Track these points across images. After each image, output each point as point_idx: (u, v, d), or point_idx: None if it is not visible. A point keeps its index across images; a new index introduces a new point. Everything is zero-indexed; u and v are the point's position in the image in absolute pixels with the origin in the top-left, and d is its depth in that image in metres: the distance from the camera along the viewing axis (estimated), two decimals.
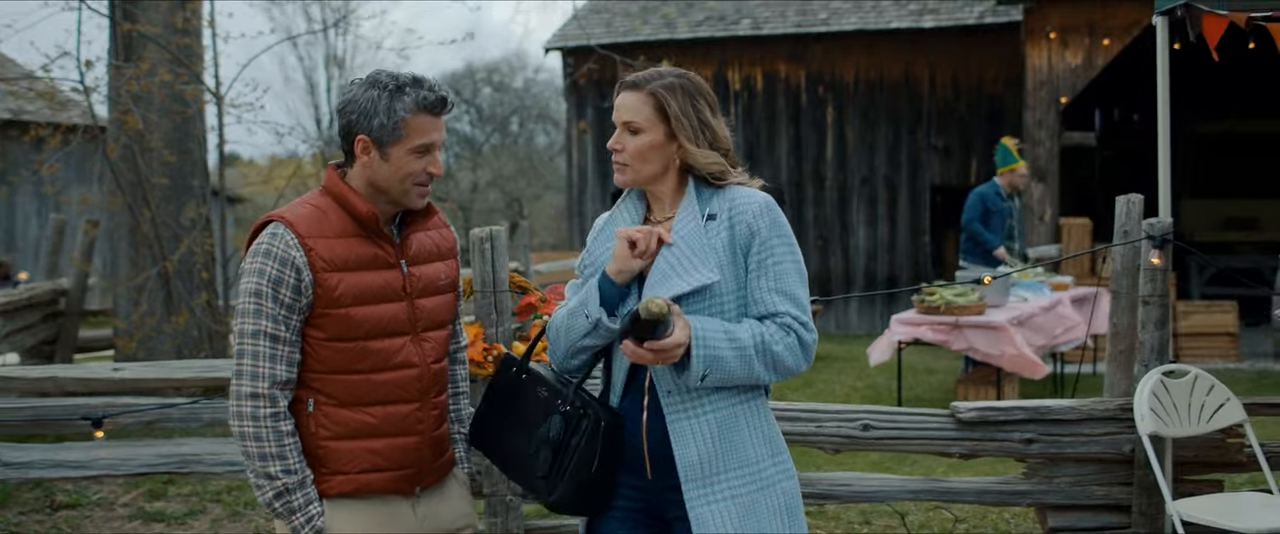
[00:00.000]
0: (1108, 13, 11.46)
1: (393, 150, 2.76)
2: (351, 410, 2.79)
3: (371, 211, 2.80)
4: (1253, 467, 4.70)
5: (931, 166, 15.40)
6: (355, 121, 2.77)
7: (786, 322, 2.70)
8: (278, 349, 2.72)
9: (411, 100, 2.75)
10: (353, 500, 2.80)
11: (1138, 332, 4.68)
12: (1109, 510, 4.67)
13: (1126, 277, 4.70)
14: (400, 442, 2.84)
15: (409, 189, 2.81)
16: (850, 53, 15.51)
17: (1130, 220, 4.72)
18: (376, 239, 2.83)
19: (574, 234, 17.04)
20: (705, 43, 15.82)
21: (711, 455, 2.70)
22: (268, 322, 2.71)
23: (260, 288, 2.72)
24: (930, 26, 14.90)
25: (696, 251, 2.70)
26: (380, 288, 2.81)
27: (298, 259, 2.72)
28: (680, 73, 2.82)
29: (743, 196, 2.75)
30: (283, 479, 2.72)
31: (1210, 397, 4.56)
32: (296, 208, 2.81)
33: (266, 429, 2.71)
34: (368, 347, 2.78)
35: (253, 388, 2.71)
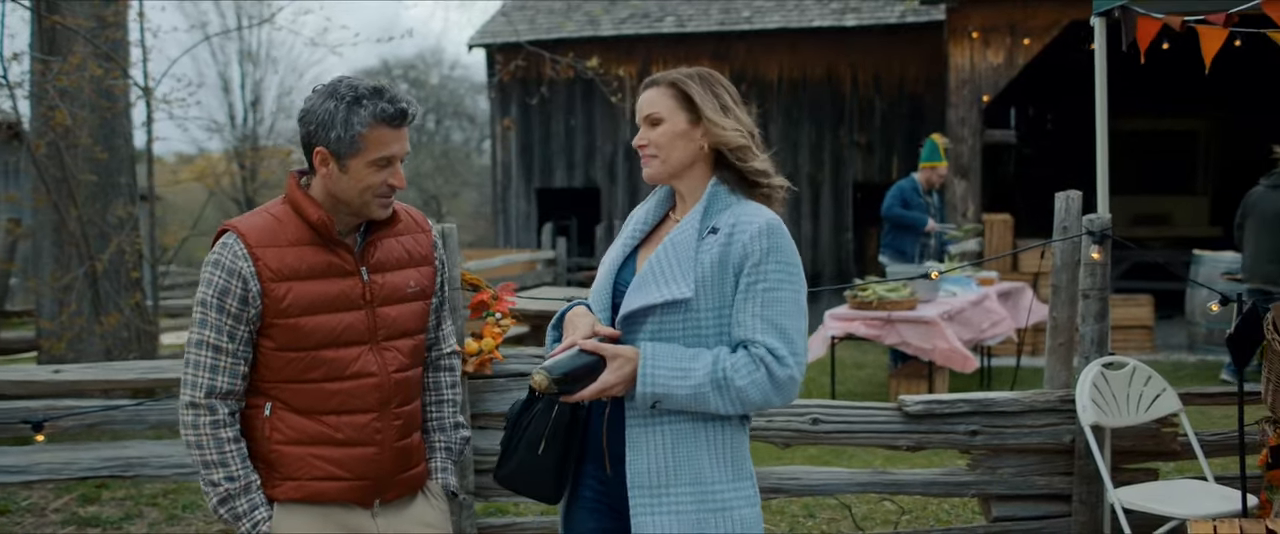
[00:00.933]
0: (1028, 13, 11.69)
1: (351, 163, 2.68)
2: (308, 418, 2.75)
3: (324, 219, 2.74)
4: (1185, 455, 4.85)
5: (854, 164, 15.60)
6: (313, 132, 2.70)
7: (759, 353, 2.60)
8: (219, 359, 2.69)
9: (369, 113, 2.65)
10: (304, 507, 2.76)
11: (1078, 325, 4.80)
12: (1050, 500, 4.78)
13: (1066, 271, 4.81)
14: (358, 452, 2.78)
15: (369, 200, 2.74)
16: (774, 51, 15.65)
17: (1069, 216, 4.84)
18: (333, 247, 2.77)
19: (498, 231, 16.98)
20: (629, 40, 15.86)
21: (662, 467, 2.65)
22: (211, 331, 2.69)
23: (206, 298, 2.70)
24: (853, 25, 15.08)
25: (680, 263, 2.65)
26: (335, 297, 2.75)
27: (244, 269, 2.68)
28: (698, 68, 2.83)
29: (747, 215, 2.67)
30: (225, 485, 2.70)
31: (1147, 387, 4.69)
32: (252, 217, 2.77)
33: (206, 437, 2.70)
34: (319, 356, 2.73)
35: (191, 397, 2.71)
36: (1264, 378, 3.92)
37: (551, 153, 16.59)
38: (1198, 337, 11.10)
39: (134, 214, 7.53)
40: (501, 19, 16.99)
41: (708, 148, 2.75)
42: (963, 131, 11.99)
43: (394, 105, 2.67)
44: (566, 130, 16.51)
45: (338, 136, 2.65)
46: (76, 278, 7.19)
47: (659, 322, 2.65)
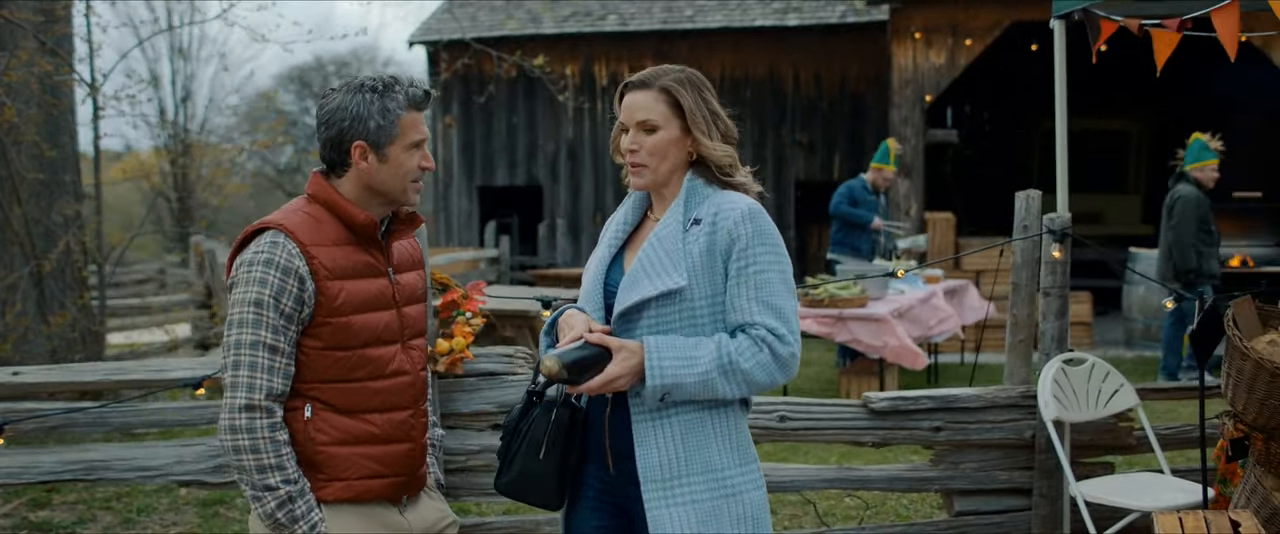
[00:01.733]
0: (970, 15, 11.86)
1: (390, 150, 2.74)
2: (352, 418, 2.76)
3: (370, 220, 2.77)
4: (1141, 449, 4.96)
5: (795, 162, 15.71)
6: (348, 128, 2.73)
7: (761, 333, 2.64)
8: (276, 361, 2.67)
9: (402, 97, 2.74)
10: (349, 506, 2.77)
11: (1038, 321, 4.89)
12: (1011, 494, 4.86)
13: (1026, 269, 4.90)
14: (397, 448, 2.84)
15: (407, 187, 2.79)
16: (716, 50, 15.72)
17: (1030, 215, 4.92)
18: (368, 247, 2.81)
19: (439, 230, 16.89)
20: (572, 38, 15.86)
21: (674, 459, 2.67)
22: (268, 332, 2.66)
23: (262, 297, 2.66)
24: (794, 25, 15.20)
25: (670, 255, 2.67)
26: (375, 296, 2.79)
27: (301, 268, 2.68)
28: (681, 68, 2.82)
29: (727, 203, 2.71)
30: (284, 489, 2.67)
31: (1106, 383, 4.79)
32: (290, 216, 2.76)
33: (264, 441, 2.66)
34: (365, 354, 2.76)
35: (249, 399, 2.65)
36: (1224, 372, 4.01)
37: (493, 151, 16.53)
38: (1135, 333, 11.33)
39: (80, 212, 7.39)
40: (442, 16, 16.90)
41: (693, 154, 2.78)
42: (906, 131, 12.14)
43: (419, 88, 2.79)
44: (508, 128, 16.46)
45: (377, 126, 2.72)
46: (21, 278, 7.05)
47: (655, 315, 2.67)
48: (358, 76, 2.78)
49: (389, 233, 2.87)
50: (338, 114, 2.73)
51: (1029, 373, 4.93)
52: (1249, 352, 3.85)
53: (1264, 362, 3.82)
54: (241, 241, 2.77)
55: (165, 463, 4.41)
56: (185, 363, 4.47)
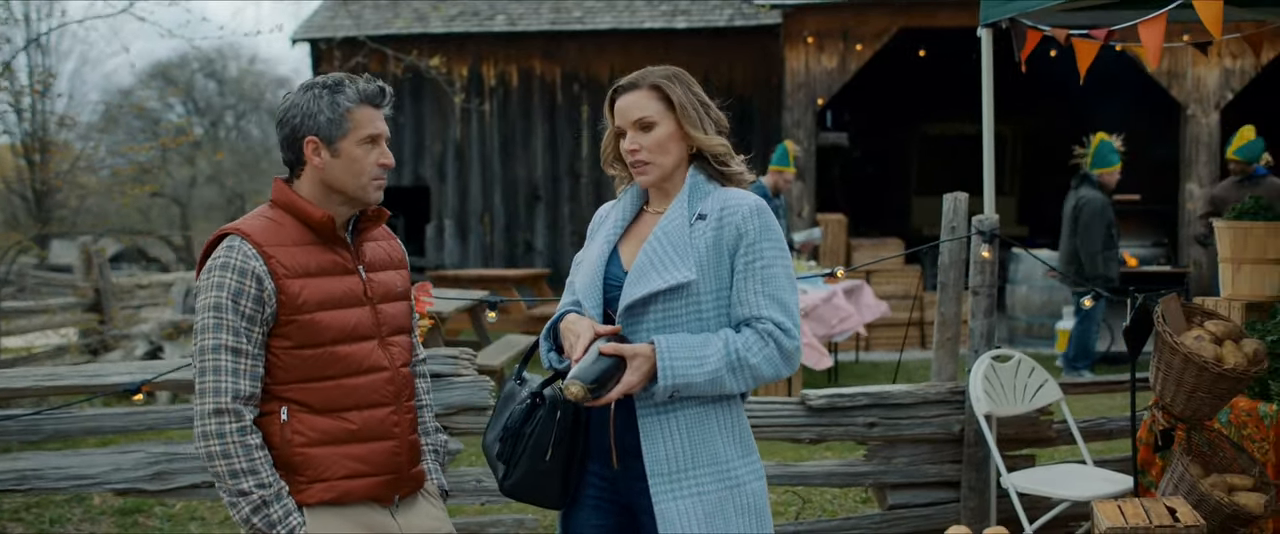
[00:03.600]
0: (860, 20, 12.14)
1: (342, 145, 2.74)
2: (329, 417, 2.74)
3: (326, 216, 2.76)
4: (1060, 441, 5.17)
5: None
6: (300, 124, 2.74)
7: (768, 328, 2.70)
8: (240, 363, 2.66)
9: (353, 92, 2.75)
10: (333, 508, 2.73)
11: (968, 320, 5.06)
12: (940, 487, 5.02)
13: (953, 269, 5.06)
14: (380, 446, 2.81)
15: (366, 183, 2.79)
16: (604, 51, 15.77)
17: (957, 217, 5.09)
18: (333, 246, 2.80)
19: None
20: (460, 37, 15.73)
21: (680, 452, 2.72)
22: (228, 335, 2.65)
23: (220, 301, 2.66)
24: (683, 27, 15.32)
25: (677, 249, 2.72)
26: (342, 294, 2.78)
27: (257, 268, 2.67)
28: (667, 67, 2.88)
29: (734, 198, 2.77)
30: (257, 493, 2.63)
31: (1031, 378, 4.98)
32: (249, 220, 2.77)
33: (234, 445, 2.63)
34: (335, 352, 2.75)
35: (216, 404, 2.63)
36: (1153, 367, 4.21)
37: None
38: (1018, 331, 11.72)
39: None
40: (325, 14, 16.62)
41: (692, 147, 2.83)
42: (798, 133, 12.36)
43: (372, 83, 2.79)
44: (394, 128, 16.23)
45: (327, 120, 2.72)
46: None
47: (663, 309, 2.71)
48: (313, 79, 2.80)
49: (357, 231, 2.87)
50: (290, 112, 2.76)
51: (957, 369, 5.09)
52: (1179, 346, 4.05)
53: (1193, 356, 4.02)
54: (206, 250, 2.77)
55: (102, 471, 4.29)
56: (122, 367, 4.35)
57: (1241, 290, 4.72)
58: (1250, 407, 4.38)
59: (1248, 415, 4.38)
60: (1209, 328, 4.19)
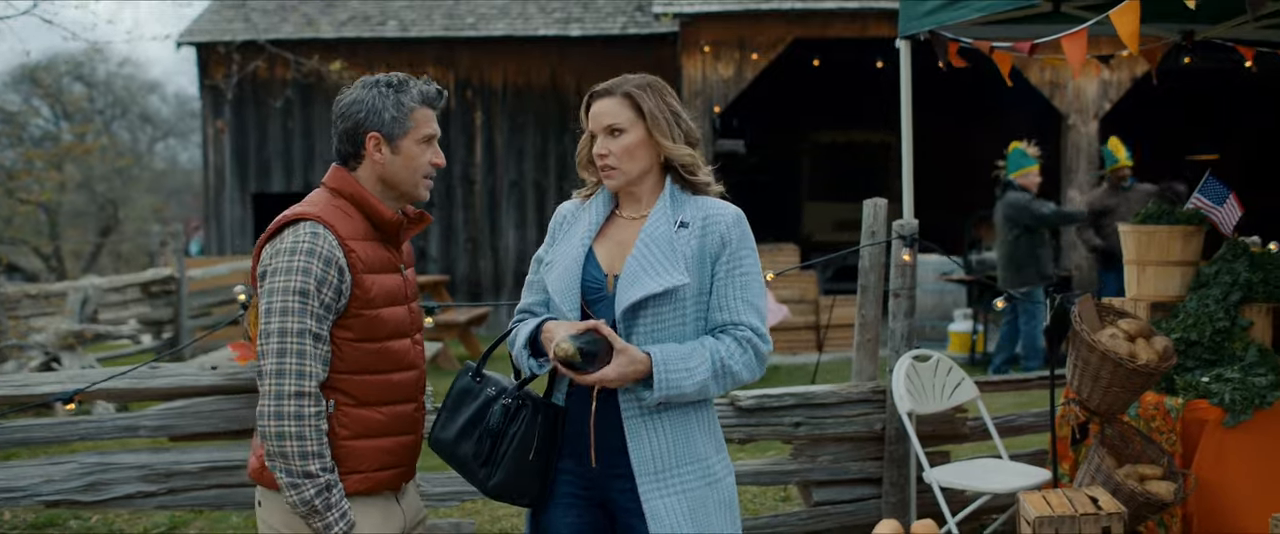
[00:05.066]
0: (756, 30, 12.36)
1: (402, 143, 2.84)
2: (370, 410, 2.83)
3: (397, 219, 2.88)
4: (974, 437, 5.38)
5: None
6: (365, 119, 2.83)
7: (746, 334, 2.84)
8: (319, 348, 2.74)
9: (417, 92, 2.86)
10: (363, 499, 2.83)
11: (888, 321, 5.23)
12: (863, 483, 5.18)
13: (873, 272, 5.23)
14: (404, 440, 2.92)
15: (419, 181, 2.89)
16: (498, 58, 15.76)
17: (877, 222, 5.26)
18: (387, 243, 2.90)
19: (210, 238, 16.29)
20: (350, 43, 15.57)
21: (665, 452, 2.82)
22: (312, 320, 2.71)
23: (306, 286, 2.70)
24: (577, 35, 15.39)
25: (666, 255, 2.81)
26: (394, 290, 2.89)
27: (340, 260, 2.74)
28: (644, 76, 2.97)
29: (716, 207, 2.90)
30: (323, 477, 2.72)
31: (949, 377, 5.17)
32: (323, 209, 2.81)
33: (310, 427, 2.71)
34: (388, 347, 2.85)
35: (299, 386, 2.70)
36: (1070, 363, 4.42)
37: (268, 157, 16.06)
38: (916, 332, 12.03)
39: None
40: (212, 17, 16.30)
41: (661, 155, 2.92)
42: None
43: (432, 86, 2.91)
44: (284, 133, 16.03)
45: (391, 117, 2.82)
46: None
47: (653, 313, 2.81)
48: (375, 76, 2.89)
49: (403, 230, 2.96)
50: (354, 107, 2.84)
51: (877, 369, 5.26)
52: (1096, 344, 4.27)
53: (1109, 353, 4.24)
54: (273, 231, 2.81)
55: (32, 483, 4.21)
56: (52, 376, 4.27)
57: (1146, 291, 4.97)
58: (1157, 401, 4.62)
59: (1155, 409, 4.62)
60: (1122, 326, 4.41)
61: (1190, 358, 4.67)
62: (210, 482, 4.34)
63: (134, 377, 4.25)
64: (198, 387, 4.31)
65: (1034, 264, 9.26)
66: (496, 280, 15.66)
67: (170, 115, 39.77)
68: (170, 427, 4.32)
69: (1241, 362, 4.57)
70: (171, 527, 5.55)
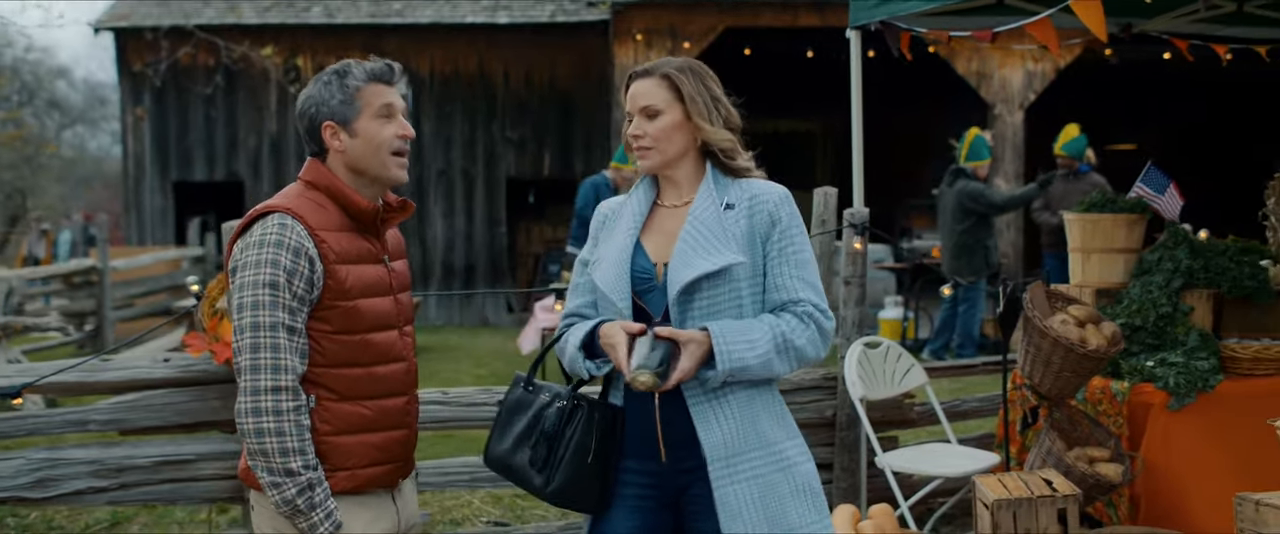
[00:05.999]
0: (687, 18, 12.40)
1: (357, 124, 2.77)
2: (354, 404, 2.77)
3: (372, 207, 2.81)
4: (921, 423, 5.46)
5: (506, 159, 15.85)
6: (315, 113, 2.79)
7: (807, 309, 2.80)
8: (294, 341, 2.67)
9: (360, 72, 2.79)
10: (352, 497, 2.77)
11: (840, 309, 5.29)
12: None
13: (823, 261, 5.28)
14: (394, 435, 2.85)
15: (387, 160, 2.80)
16: (426, 46, 15.62)
17: (827, 210, 5.31)
18: (367, 234, 2.84)
19: (130, 227, 15.94)
20: (275, 29, 15.33)
21: (734, 435, 2.78)
22: (284, 313, 2.65)
23: (276, 278, 2.64)
24: (505, 23, 15.31)
25: (716, 235, 2.77)
26: (374, 282, 2.82)
27: (310, 250, 2.69)
28: (685, 59, 2.95)
29: (762, 188, 2.87)
30: (306, 475, 2.65)
31: (898, 364, 5.24)
32: (294, 200, 2.76)
33: (290, 423, 2.64)
34: (369, 339, 2.79)
35: (275, 381, 2.63)
36: (1022, 349, 4.51)
37: (190, 144, 15.76)
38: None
39: None
40: (128, 2, 15.95)
41: (699, 139, 2.90)
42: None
43: (379, 63, 2.83)
44: (206, 121, 15.74)
45: (340, 102, 2.77)
46: None
47: (708, 295, 2.77)
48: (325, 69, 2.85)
49: (382, 220, 2.89)
50: (306, 104, 2.81)
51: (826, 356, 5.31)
52: (1048, 330, 4.35)
53: (1060, 338, 4.33)
54: (243, 226, 2.75)
55: None
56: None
57: (1091, 277, 5.08)
58: (1104, 385, 4.72)
59: (1102, 393, 4.73)
60: (1072, 312, 4.51)
61: (1135, 343, 4.79)
62: (163, 476, 4.26)
63: (84, 369, 4.16)
64: (150, 379, 4.23)
65: (982, 253, 9.41)
66: (425, 270, 15.54)
67: (80, 102, 38.88)
68: (121, 420, 4.23)
69: (1184, 346, 4.69)
70: (114, 522, 5.44)
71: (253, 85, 15.42)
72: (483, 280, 15.61)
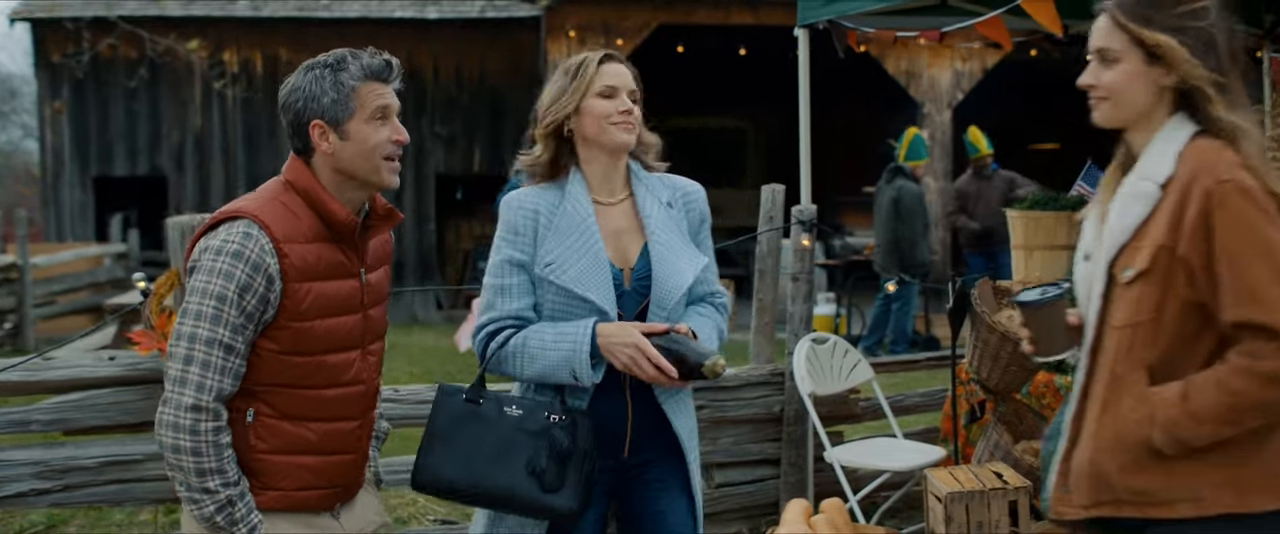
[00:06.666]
0: (621, 15, 12.42)
1: (350, 126, 2.57)
2: (295, 424, 2.60)
3: (351, 219, 2.60)
4: (865, 418, 5.52)
5: (436, 155, 15.74)
6: (304, 108, 2.57)
7: (723, 302, 3.05)
8: (229, 361, 2.50)
9: (357, 68, 2.57)
10: (282, 514, 2.62)
11: (788, 305, 5.33)
12: (762, 465, 5.28)
13: (770, 257, 5.32)
14: (338, 460, 2.68)
15: (379, 164, 2.60)
16: (353, 40, 14.99)
17: (774, 207, 5.34)
18: (343, 245, 2.64)
19: (49, 223, 15.58)
20: (199, 21, 15.06)
21: (691, 422, 3.04)
22: (226, 330, 2.48)
23: (225, 292, 2.48)
24: (434, 18, 15.20)
25: (680, 238, 2.92)
26: (343, 299, 2.64)
27: (272, 266, 2.50)
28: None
29: (686, 184, 3.02)
30: (224, 493, 2.50)
31: (845, 359, 5.29)
32: (266, 205, 2.56)
33: (206, 444, 2.48)
34: (322, 361, 2.61)
35: (197, 399, 2.48)
36: (970, 344, 4.58)
37: (111, 139, 15.44)
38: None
39: None
40: None
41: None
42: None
43: (377, 57, 2.61)
44: (128, 115, 15.43)
45: (332, 100, 2.55)
46: None
47: (685, 297, 2.95)
48: (315, 59, 2.62)
49: (365, 229, 2.69)
50: (293, 97, 2.59)
51: (774, 352, 5.36)
52: (996, 325, 4.43)
53: (1008, 333, 4.41)
54: (209, 226, 2.57)
55: None
56: None
57: (1033, 274, 5.17)
58: (1047, 379, 4.81)
59: (1045, 387, 4.81)
60: None
61: None
62: (108, 477, 4.17)
63: (27, 369, 4.07)
64: (95, 378, 4.14)
65: (914, 252, 9.54)
66: None
67: None
68: (65, 420, 4.13)
69: None
70: (50, 524, 5.32)
71: (176, 79, 15.14)
72: (412, 277, 15.49)
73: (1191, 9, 2.27)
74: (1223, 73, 2.26)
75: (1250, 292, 2.14)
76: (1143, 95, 2.31)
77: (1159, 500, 2.25)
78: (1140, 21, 2.28)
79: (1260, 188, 2.18)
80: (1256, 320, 2.13)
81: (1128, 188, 2.32)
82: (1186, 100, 2.29)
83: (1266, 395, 2.14)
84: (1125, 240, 2.28)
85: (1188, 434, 2.19)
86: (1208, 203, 2.18)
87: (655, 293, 2.85)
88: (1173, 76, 2.29)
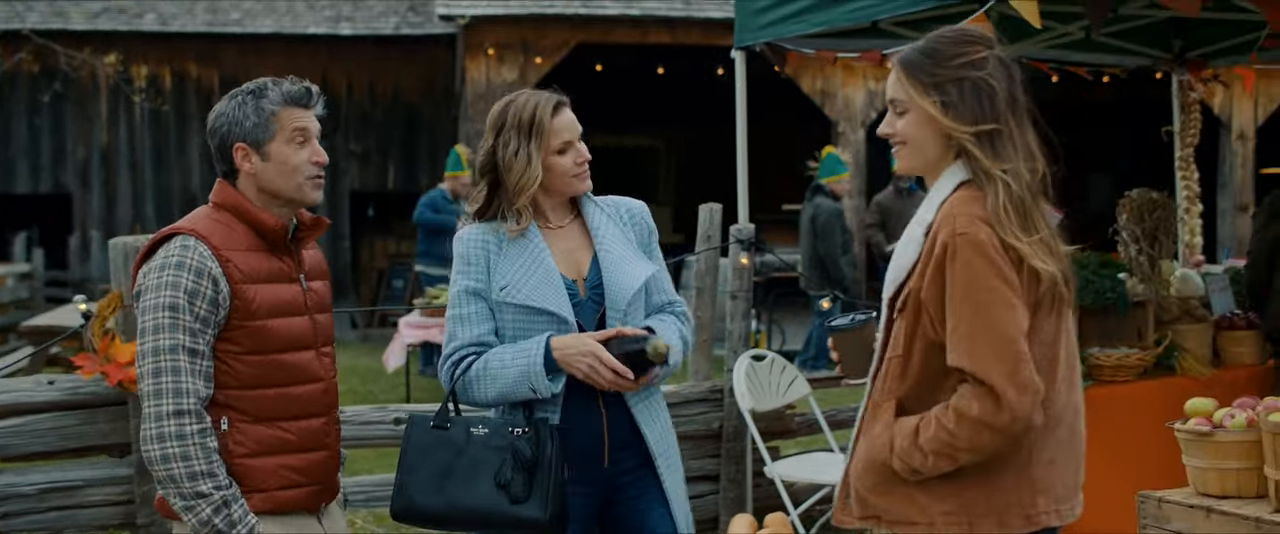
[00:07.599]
0: (540, 33, 12.46)
1: (271, 148, 2.73)
2: (267, 426, 2.71)
3: (280, 225, 2.75)
4: (800, 433, 5.62)
5: (350, 172, 15.62)
6: (227, 133, 2.74)
7: (682, 309, 3.13)
8: (196, 363, 2.61)
9: (277, 94, 2.75)
10: (269, 517, 2.70)
11: (727, 322, 5.41)
12: (702, 480, 5.33)
13: (708, 275, 5.40)
14: (314, 456, 2.80)
15: (300, 183, 2.76)
16: (266, 55, 15.23)
17: (712, 226, 5.42)
18: (279, 253, 2.78)
19: None
20: (105, 35, 14.75)
21: (663, 430, 3.06)
22: (185, 335, 2.60)
23: (176, 301, 2.60)
24: (348, 34, 15.10)
25: (629, 247, 3.00)
26: (288, 302, 2.77)
27: (214, 270, 2.64)
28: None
29: (629, 202, 3.14)
30: (218, 494, 2.58)
31: (783, 376, 5.39)
32: (200, 222, 2.72)
33: (195, 446, 2.58)
34: (281, 360, 2.73)
35: (177, 405, 2.57)
36: None
37: (12, 155, 15.04)
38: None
39: None
40: None
41: None
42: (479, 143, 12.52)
43: (297, 85, 2.80)
44: (30, 130, 15.05)
45: (253, 124, 2.72)
46: None
47: (637, 303, 2.99)
48: (239, 87, 2.81)
49: (295, 239, 2.84)
50: (217, 122, 2.76)
51: (711, 369, 5.43)
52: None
53: None
54: (148, 249, 2.70)
55: None
56: None
57: None
58: None
59: None
60: None
61: None
62: (49, 504, 4.10)
63: None
64: (34, 403, 4.07)
65: (837, 269, 9.71)
66: None
67: None
68: (4, 447, 4.06)
69: None
70: None
71: (81, 94, 14.81)
72: None
73: (970, 60, 2.35)
74: (997, 120, 2.34)
75: (964, 340, 2.26)
76: (932, 144, 2.40)
77: (900, 520, 2.40)
78: (918, 74, 2.38)
79: (991, 242, 2.27)
80: (968, 369, 2.26)
81: (907, 232, 2.46)
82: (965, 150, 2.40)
83: (977, 440, 2.27)
84: (901, 279, 2.41)
85: (916, 464, 2.33)
86: (944, 253, 2.30)
87: (609, 297, 2.94)
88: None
